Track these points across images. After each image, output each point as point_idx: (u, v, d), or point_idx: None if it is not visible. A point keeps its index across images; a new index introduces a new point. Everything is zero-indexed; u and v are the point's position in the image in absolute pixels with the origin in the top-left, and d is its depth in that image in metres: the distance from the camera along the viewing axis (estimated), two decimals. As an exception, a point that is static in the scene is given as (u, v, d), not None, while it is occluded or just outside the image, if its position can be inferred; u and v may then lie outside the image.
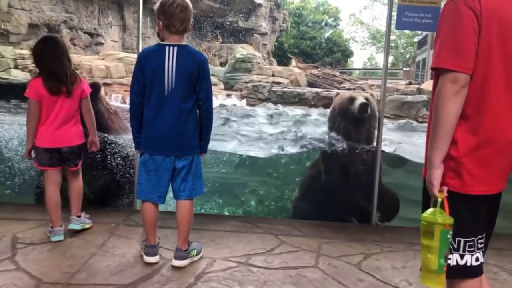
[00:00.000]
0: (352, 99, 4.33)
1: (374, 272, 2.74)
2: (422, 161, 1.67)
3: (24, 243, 2.94)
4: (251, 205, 5.72)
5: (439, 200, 1.55)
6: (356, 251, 3.05)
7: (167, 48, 2.54)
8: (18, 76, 11.42)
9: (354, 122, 4.29)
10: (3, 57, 12.17)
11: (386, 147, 5.51)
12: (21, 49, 13.91)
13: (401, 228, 3.63)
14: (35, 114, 2.95)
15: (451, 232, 1.53)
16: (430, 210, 1.56)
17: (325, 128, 4.82)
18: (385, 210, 4.06)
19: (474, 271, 1.63)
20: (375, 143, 3.96)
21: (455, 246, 1.59)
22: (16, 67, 12.32)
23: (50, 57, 2.95)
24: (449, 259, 1.58)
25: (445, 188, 1.56)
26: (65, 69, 2.97)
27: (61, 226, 3.06)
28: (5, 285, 2.38)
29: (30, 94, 2.92)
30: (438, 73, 1.56)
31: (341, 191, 4.25)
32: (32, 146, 3.03)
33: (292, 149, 5.89)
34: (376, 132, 4.03)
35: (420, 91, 11.98)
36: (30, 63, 11.86)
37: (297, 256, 2.94)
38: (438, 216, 1.52)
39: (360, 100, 4.25)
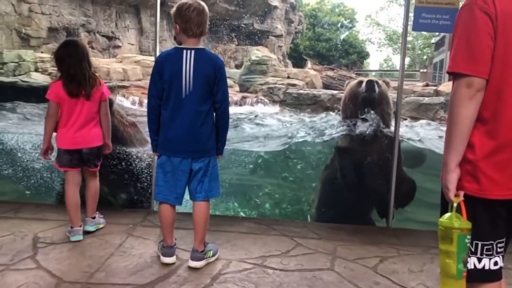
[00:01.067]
0: (360, 82, 4.31)
1: (391, 275, 2.72)
2: (441, 152, 1.66)
3: (44, 243, 3.01)
4: (266, 207, 5.72)
5: (455, 204, 1.53)
6: (372, 254, 3.03)
7: (184, 51, 2.58)
8: (39, 79, 11.65)
9: (363, 104, 4.21)
10: (24, 61, 12.45)
11: (409, 134, 5.38)
12: (42, 52, 14.21)
13: (418, 232, 3.59)
14: (53, 115, 3.03)
15: (469, 237, 1.51)
16: (447, 214, 1.54)
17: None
18: (401, 197, 3.95)
19: (493, 275, 1.61)
20: (391, 134, 3.88)
21: (473, 250, 1.58)
22: (36, 70, 12.58)
23: (70, 60, 3.02)
24: (468, 263, 1.56)
25: (461, 193, 1.54)
26: (84, 72, 3.03)
27: (80, 226, 3.12)
28: (26, 283, 2.44)
29: (50, 96, 3.01)
30: (454, 77, 1.55)
31: (357, 189, 4.21)
32: (48, 146, 3.11)
33: (306, 138, 5.83)
34: (390, 119, 3.96)
35: (437, 93, 11.83)
36: (50, 66, 12.11)
37: (313, 258, 2.94)
38: (455, 221, 1.51)
39: (366, 79, 4.23)
